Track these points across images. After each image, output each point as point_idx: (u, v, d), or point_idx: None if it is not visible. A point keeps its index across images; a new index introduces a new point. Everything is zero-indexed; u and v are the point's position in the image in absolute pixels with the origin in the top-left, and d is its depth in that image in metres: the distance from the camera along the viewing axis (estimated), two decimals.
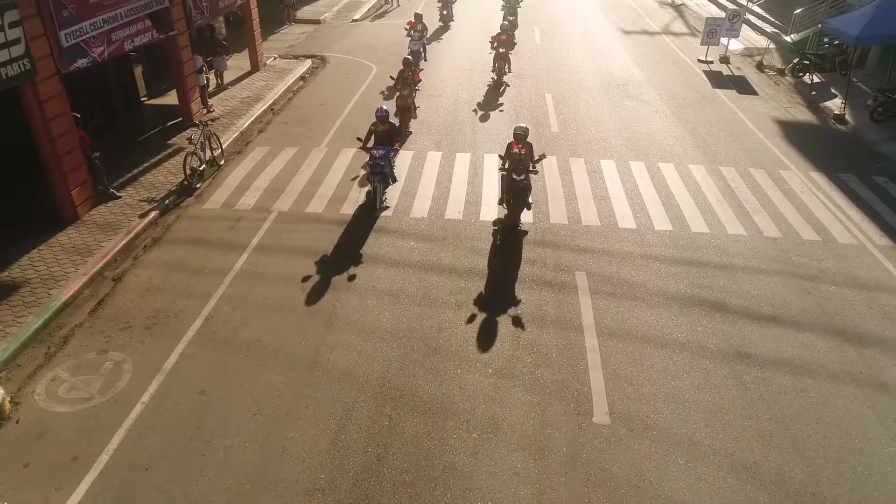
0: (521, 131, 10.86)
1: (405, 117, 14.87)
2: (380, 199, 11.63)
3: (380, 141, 11.70)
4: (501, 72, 18.43)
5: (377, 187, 11.47)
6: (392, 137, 11.79)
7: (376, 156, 11.33)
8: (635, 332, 8.81)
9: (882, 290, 9.84)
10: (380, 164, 11.36)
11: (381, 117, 11.62)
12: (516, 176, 10.72)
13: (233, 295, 9.44)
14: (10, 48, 9.41)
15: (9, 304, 9.09)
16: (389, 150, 11.55)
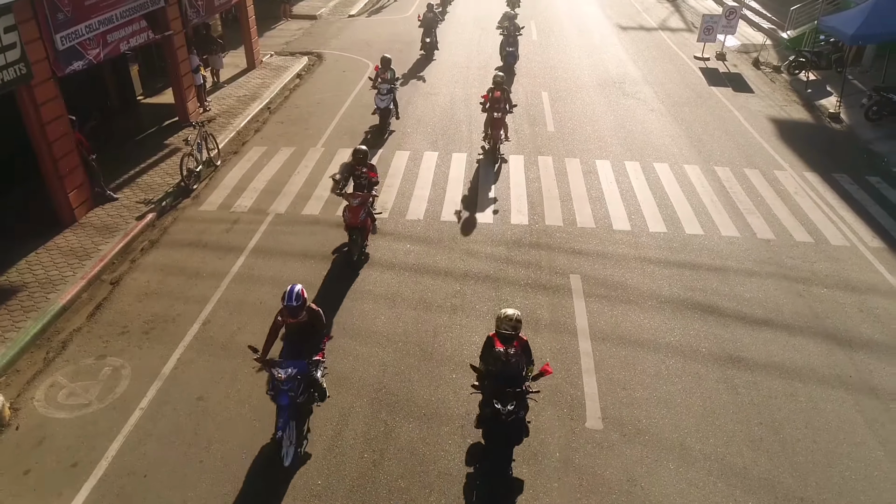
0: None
1: (358, 237, 9.94)
2: (287, 454, 6.77)
3: (292, 341, 7.09)
4: (497, 141, 13.61)
5: (282, 435, 6.51)
6: (310, 335, 6.97)
7: (281, 377, 6.60)
8: (628, 335, 8.91)
9: (873, 293, 9.94)
10: (285, 391, 6.62)
11: (291, 307, 6.72)
12: None
13: (230, 299, 9.52)
14: (6, 53, 9.42)
15: (7, 308, 9.16)
16: (306, 366, 6.76)
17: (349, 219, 9.81)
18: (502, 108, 13.40)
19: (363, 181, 10.09)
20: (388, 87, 14.56)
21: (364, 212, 9.89)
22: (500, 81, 13.70)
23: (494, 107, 13.40)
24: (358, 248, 10.10)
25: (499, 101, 13.36)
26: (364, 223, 9.97)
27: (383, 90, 14.55)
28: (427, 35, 20.76)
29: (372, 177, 10.12)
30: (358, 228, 9.88)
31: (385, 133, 14.85)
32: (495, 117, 13.44)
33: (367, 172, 10.11)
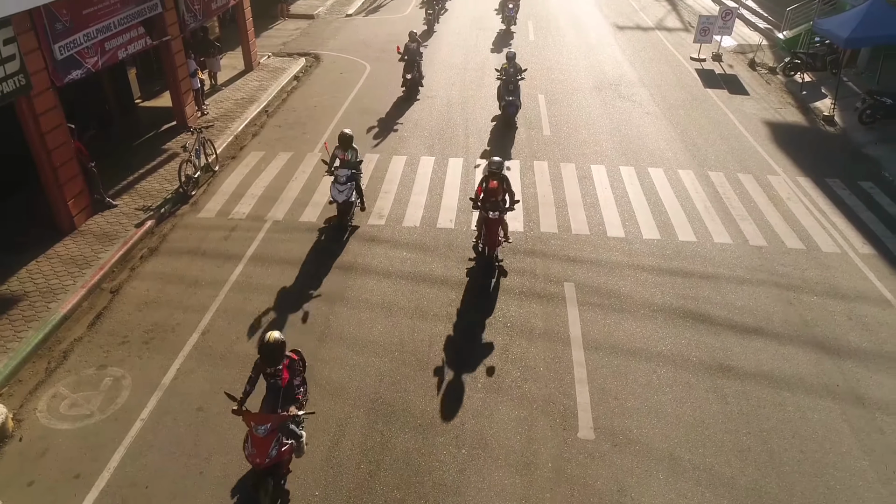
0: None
1: None
2: None
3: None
4: (494, 245, 10.12)
5: None
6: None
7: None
8: (621, 344, 9.07)
9: (862, 301, 10.10)
10: None
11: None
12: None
13: (228, 308, 9.65)
14: (5, 65, 9.50)
15: (9, 318, 9.28)
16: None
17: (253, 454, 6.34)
18: (500, 204, 9.91)
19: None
20: (348, 173, 10.90)
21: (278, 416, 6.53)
22: (496, 170, 9.99)
23: (490, 202, 9.87)
24: None
25: (496, 194, 9.93)
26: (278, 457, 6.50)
27: (342, 178, 10.77)
28: (408, 70, 17.21)
29: None
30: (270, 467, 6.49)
31: (346, 232, 11.23)
32: (490, 217, 9.80)
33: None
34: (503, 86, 15.81)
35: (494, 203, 9.94)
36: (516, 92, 15.72)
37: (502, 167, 10.22)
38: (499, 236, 10.17)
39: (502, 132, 15.68)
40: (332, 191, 11.02)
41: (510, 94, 15.66)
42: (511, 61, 15.69)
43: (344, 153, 11.14)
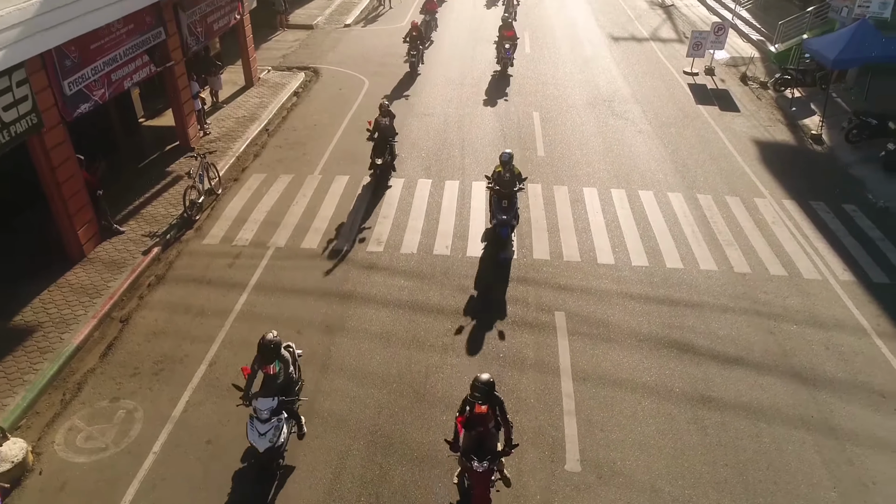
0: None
1: None
2: None
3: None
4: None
5: None
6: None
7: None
8: (608, 375, 9.53)
9: (839, 330, 10.57)
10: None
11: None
12: None
13: (234, 338, 10.09)
14: (18, 106, 9.90)
15: (24, 349, 9.73)
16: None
17: None
18: (489, 442, 7.00)
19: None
20: (273, 404, 7.46)
21: None
22: (482, 392, 6.77)
23: (473, 438, 6.98)
24: None
25: (484, 423, 6.93)
26: None
27: (263, 412, 7.38)
28: (379, 152, 13.99)
29: None
30: None
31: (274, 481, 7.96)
32: (477, 470, 6.86)
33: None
34: (496, 204, 11.91)
35: (480, 440, 6.87)
36: (512, 208, 11.92)
37: (492, 388, 6.79)
38: (489, 492, 7.04)
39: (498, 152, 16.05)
40: (250, 433, 7.42)
41: (503, 210, 11.80)
42: (507, 165, 11.95)
43: (269, 366, 7.52)
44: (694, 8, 30.79)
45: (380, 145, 14.15)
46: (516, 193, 12.05)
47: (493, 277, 11.59)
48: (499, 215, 11.96)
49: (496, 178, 12.09)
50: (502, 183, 11.98)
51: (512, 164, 12.07)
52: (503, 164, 12.07)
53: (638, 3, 31.94)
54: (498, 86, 20.45)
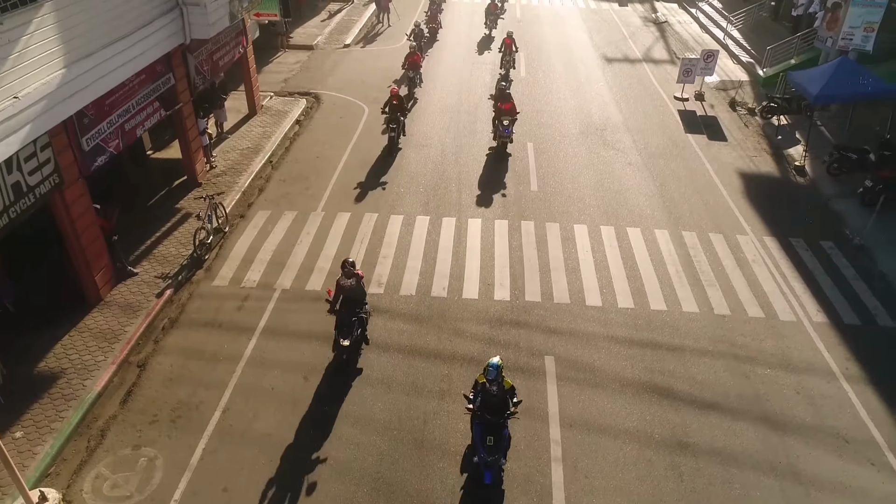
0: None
1: None
2: None
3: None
4: None
5: None
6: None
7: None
8: (593, 421, 10.27)
9: (810, 373, 11.32)
10: None
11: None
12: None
13: (245, 385, 10.81)
14: (42, 169, 10.56)
15: (50, 396, 10.43)
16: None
17: None
18: None
19: None
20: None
21: None
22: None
23: None
24: None
25: None
26: None
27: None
28: (345, 330, 10.75)
29: None
30: None
31: None
32: None
33: None
34: (478, 429, 8.96)
35: None
36: (501, 442, 8.86)
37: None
38: None
39: (493, 186, 16.76)
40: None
41: (490, 450, 8.74)
42: (495, 374, 8.82)
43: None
44: (687, 25, 31.40)
45: (345, 317, 10.75)
46: (507, 420, 8.94)
47: (486, 323, 12.30)
48: (482, 454, 8.73)
49: (480, 392, 9.00)
50: (489, 404, 8.88)
51: (500, 373, 8.88)
52: (490, 380, 8.84)
53: (632, 19, 32.55)
54: None
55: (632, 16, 33.21)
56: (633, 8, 34.76)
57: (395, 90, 18.44)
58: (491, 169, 17.66)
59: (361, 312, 11.04)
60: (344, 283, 10.77)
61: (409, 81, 22.57)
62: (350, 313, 10.85)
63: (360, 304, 11.06)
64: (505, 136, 18.11)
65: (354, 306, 10.95)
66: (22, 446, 9.60)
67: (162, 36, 13.43)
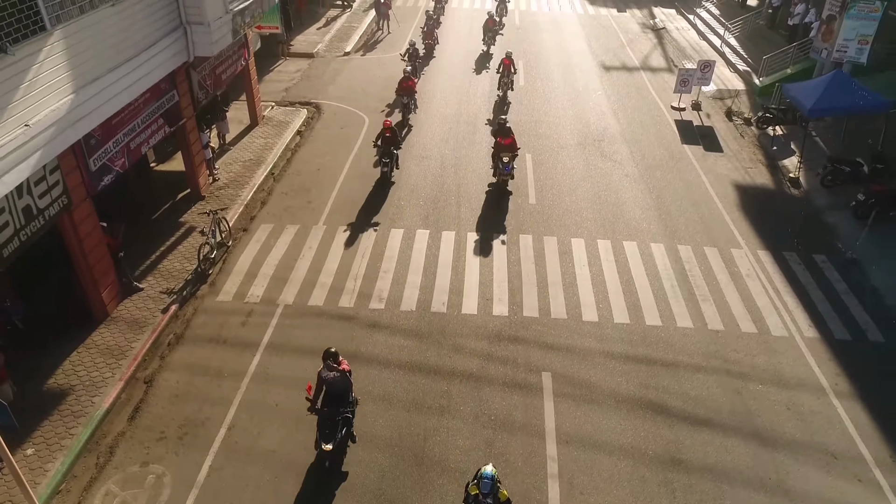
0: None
1: None
2: None
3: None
4: None
5: None
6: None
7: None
8: (589, 437, 10.55)
9: (801, 389, 11.60)
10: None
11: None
12: None
13: (249, 401, 11.08)
14: (52, 191, 10.81)
15: (60, 413, 10.71)
16: None
17: None
18: None
19: None
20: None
21: None
22: None
23: None
24: None
25: None
26: None
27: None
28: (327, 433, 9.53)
29: None
30: None
31: None
32: None
33: None
34: None
35: None
36: None
37: None
38: None
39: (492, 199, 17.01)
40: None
41: None
42: (490, 486, 8.16)
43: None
44: (684, 32, 31.62)
45: (328, 418, 9.60)
46: None
47: (485, 339, 12.57)
48: None
49: None
50: None
51: (497, 489, 8.25)
52: (483, 494, 8.19)
53: (631, 25, 32.76)
54: None
55: (630, 22, 33.41)
56: (632, 14, 34.96)
57: (388, 123, 17.48)
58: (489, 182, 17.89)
59: (347, 412, 9.69)
60: (326, 375, 9.58)
61: (403, 108, 21.17)
62: (334, 412, 9.54)
63: (346, 402, 9.72)
64: (505, 174, 17.05)
65: (339, 404, 9.63)
66: (33, 463, 9.88)
67: (166, 55, 13.66)
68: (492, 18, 27.83)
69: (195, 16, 14.29)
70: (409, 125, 21.18)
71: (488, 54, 27.70)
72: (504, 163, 16.92)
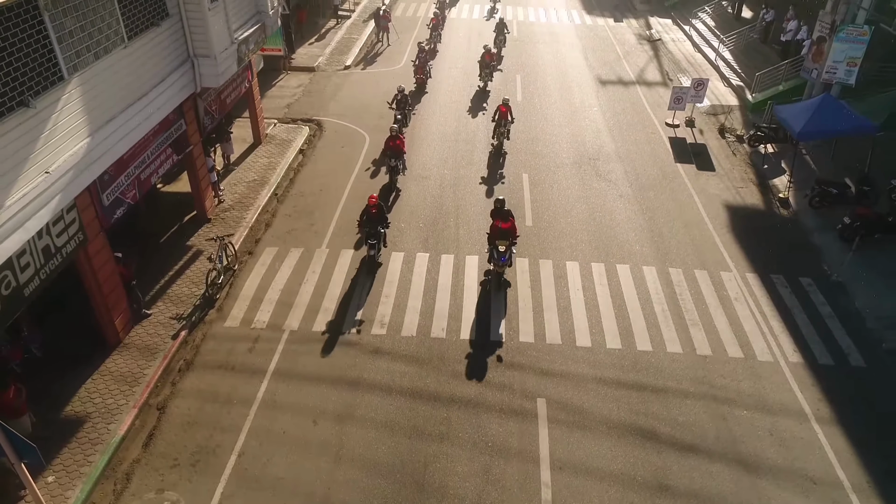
0: None
1: None
2: None
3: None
4: None
5: None
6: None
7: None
8: (581, 463, 11.11)
9: (784, 415, 12.16)
10: None
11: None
12: None
13: (258, 428, 11.62)
14: (68, 229, 11.31)
15: (77, 441, 11.25)
16: None
17: None
18: None
19: None
20: None
21: None
22: None
23: None
24: None
25: None
26: None
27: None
28: None
29: None
30: None
31: None
32: None
33: None
34: None
35: None
36: None
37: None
38: None
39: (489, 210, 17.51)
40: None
41: None
42: None
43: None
44: (680, 44, 32.08)
45: None
46: None
47: (483, 365, 13.11)
48: None
49: None
50: None
51: None
52: None
53: (627, 36, 33.22)
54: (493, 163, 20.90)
55: (626, 33, 33.86)
56: (628, 24, 35.42)
57: (374, 200, 15.20)
58: (488, 204, 18.38)
59: None
60: None
61: (391, 170, 18.85)
62: None
63: None
64: (501, 265, 14.56)
65: None
66: (54, 490, 10.43)
67: (175, 89, 14.14)
68: (489, 53, 25.63)
69: (202, 49, 14.76)
70: (398, 189, 19.05)
71: (485, 91, 25.85)
72: (500, 252, 14.42)
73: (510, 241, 14.71)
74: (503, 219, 14.95)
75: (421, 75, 25.69)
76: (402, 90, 21.90)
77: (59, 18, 10.18)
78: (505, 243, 14.61)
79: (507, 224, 14.80)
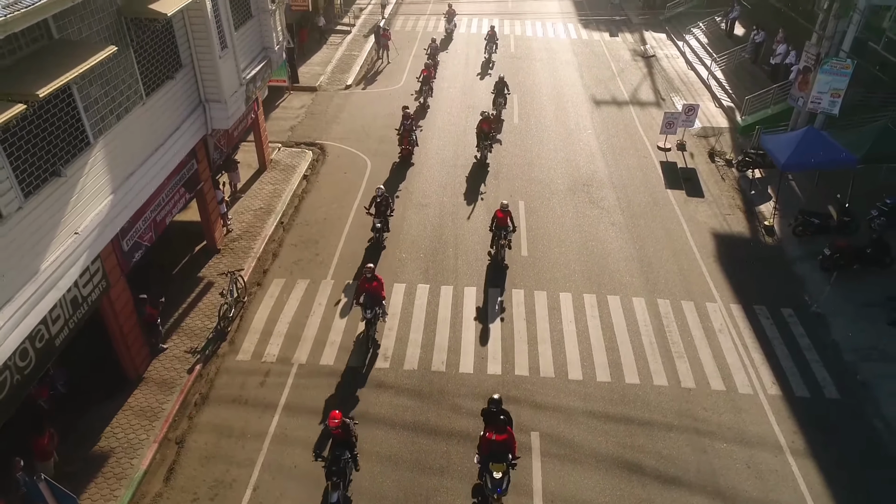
0: None
1: None
2: None
3: None
4: None
5: None
6: None
7: None
8: (571, 496, 11.98)
9: (760, 447, 13.04)
10: None
11: None
12: None
13: (271, 462, 12.47)
14: (93, 279, 12.10)
15: (104, 476, 12.09)
16: None
17: None
18: None
19: None
20: None
21: None
22: None
23: None
24: None
25: None
26: None
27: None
28: None
29: None
30: None
31: None
32: None
33: None
34: None
35: None
36: None
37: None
38: None
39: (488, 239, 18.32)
40: None
41: None
42: None
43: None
44: (673, 60, 32.78)
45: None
46: None
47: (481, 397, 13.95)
48: None
49: None
50: None
51: None
52: None
53: (622, 52, 33.90)
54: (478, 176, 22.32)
55: (622, 48, 34.54)
56: (623, 38, 36.09)
57: (337, 418, 11.34)
58: (486, 234, 19.16)
59: None
60: None
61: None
62: None
63: None
64: (497, 497, 11.28)
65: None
66: None
67: (189, 135, 14.89)
68: (486, 120, 22.37)
69: (213, 94, 15.49)
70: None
71: (484, 164, 22.65)
72: (495, 479, 11.07)
73: (509, 461, 11.11)
74: (497, 428, 11.18)
75: (406, 145, 22.28)
76: (381, 192, 18.04)
77: (86, 88, 10.92)
78: (502, 468, 11.03)
79: (502, 436, 11.10)
